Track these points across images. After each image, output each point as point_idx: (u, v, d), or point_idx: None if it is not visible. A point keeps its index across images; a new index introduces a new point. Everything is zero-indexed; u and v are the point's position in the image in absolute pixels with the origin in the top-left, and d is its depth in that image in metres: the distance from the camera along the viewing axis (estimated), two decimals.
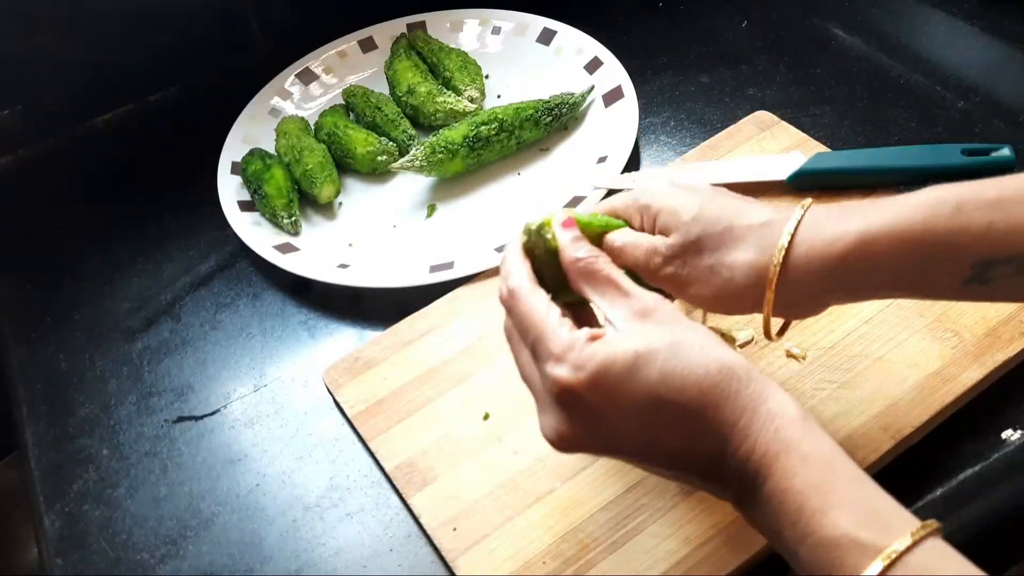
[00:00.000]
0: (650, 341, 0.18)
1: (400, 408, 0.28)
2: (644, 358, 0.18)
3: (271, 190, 0.35)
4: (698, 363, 0.18)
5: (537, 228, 0.21)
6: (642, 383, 0.18)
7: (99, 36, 0.40)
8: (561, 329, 0.19)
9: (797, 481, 0.17)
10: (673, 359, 0.18)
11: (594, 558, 0.24)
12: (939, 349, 0.27)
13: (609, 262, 0.20)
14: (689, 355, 0.18)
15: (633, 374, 0.18)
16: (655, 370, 0.18)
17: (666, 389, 0.18)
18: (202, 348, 0.32)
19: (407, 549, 0.25)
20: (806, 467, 0.17)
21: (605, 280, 0.20)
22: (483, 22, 0.42)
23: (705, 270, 0.21)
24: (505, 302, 0.20)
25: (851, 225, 0.20)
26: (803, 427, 0.18)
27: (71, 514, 0.28)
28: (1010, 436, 0.25)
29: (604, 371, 0.18)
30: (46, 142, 0.41)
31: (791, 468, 0.17)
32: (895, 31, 0.40)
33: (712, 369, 0.18)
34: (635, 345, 0.18)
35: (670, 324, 0.19)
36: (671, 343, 0.18)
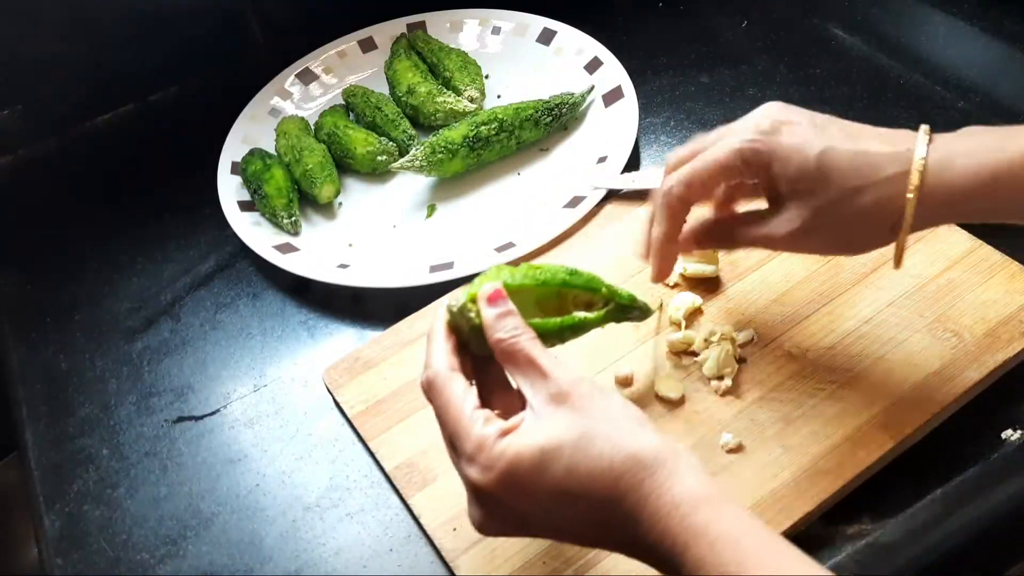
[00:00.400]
0: (558, 434, 0.19)
1: (400, 408, 0.28)
2: (550, 454, 0.19)
3: (271, 190, 0.35)
4: (602, 456, 0.18)
5: (459, 309, 0.21)
6: (549, 479, 0.19)
7: (99, 36, 0.40)
8: (473, 427, 0.19)
9: (707, 569, 0.17)
10: (578, 453, 0.19)
11: (594, 558, 0.24)
12: (939, 349, 0.27)
13: (531, 339, 0.20)
14: (594, 448, 0.19)
15: (540, 470, 0.19)
16: (561, 466, 0.19)
17: (572, 483, 0.19)
18: (202, 348, 0.32)
19: (407, 549, 0.25)
20: (714, 553, 0.17)
21: (525, 360, 0.20)
22: (483, 22, 0.42)
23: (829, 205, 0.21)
24: (425, 391, 0.21)
25: (979, 159, 0.20)
26: (709, 509, 0.18)
27: (71, 514, 0.28)
28: (1010, 436, 0.25)
29: (512, 470, 0.19)
30: (46, 142, 0.41)
31: (701, 557, 0.17)
32: (895, 31, 0.40)
33: (616, 461, 0.18)
34: (542, 440, 0.19)
35: (583, 411, 0.19)
36: (579, 435, 0.19)
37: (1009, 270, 0.29)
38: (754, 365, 0.27)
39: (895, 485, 0.25)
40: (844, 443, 0.25)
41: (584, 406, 0.19)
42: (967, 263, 0.29)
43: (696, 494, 0.18)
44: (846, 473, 0.24)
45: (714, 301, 0.29)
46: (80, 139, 0.42)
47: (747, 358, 0.28)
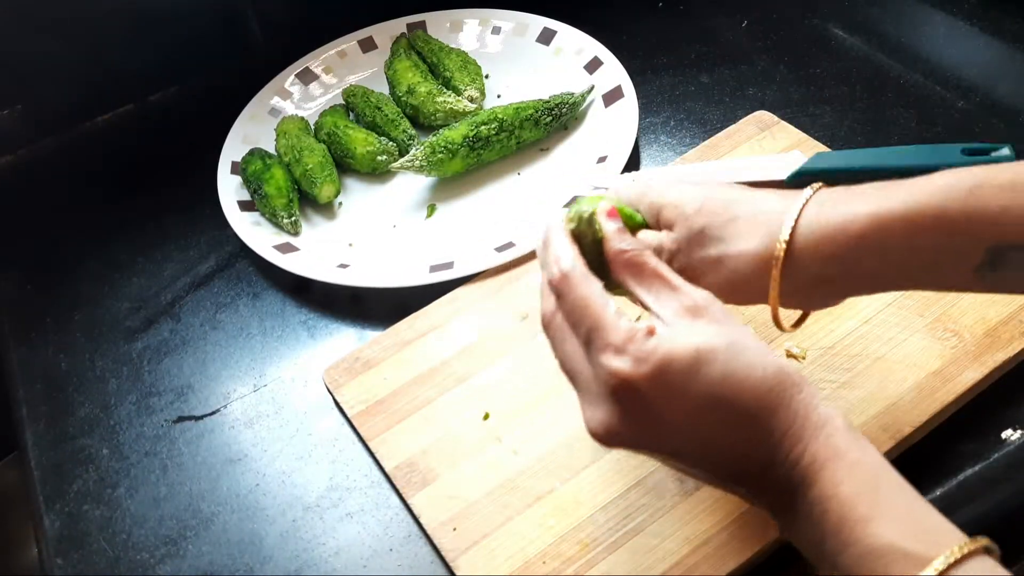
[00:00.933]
0: (709, 339, 0.18)
1: (400, 408, 0.28)
2: (705, 356, 0.18)
3: (271, 190, 0.35)
4: (756, 365, 0.18)
5: (589, 217, 0.20)
6: (703, 381, 0.18)
7: (99, 36, 0.40)
8: (620, 320, 0.18)
9: (843, 488, 0.17)
10: (733, 360, 0.18)
11: (594, 558, 0.24)
12: (939, 349, 0.27)
13: (653, 255, 0.20)
14: (747, 357, 0.18)
15: (694, 372, 0.18)
16: (716, 369, 0.18)
17: (726, 389, 0.18)
18: (202, 348, 0.32)
19: (407, 549, 0.25)
20: (852, 475, 0.17)
21: (652, 274, 0.19)
22: (483, 22, 0.42)
23: (712, 262, 0.21)
24: (558, 286, 0.19)
25: (862, 208, 0.19)
26: (850, 436, 0.18)
27: (71, 514, 0.28)
28: (1010, 436, 0.25)
29: (666, 366, 0.18)
30: (46, 142, 0.41)
31: (838, 475, 0.17)
32: (895, 31, 0.40)
33: (769, 373, 0.18)
34: (695, 342, 0.18)
35: (724, 323, 0.18)
36: (730, 343, 0.18)
37: None
38: None
39: None
40: None
41: (723, 318, 0.18)
42: None
43: (837, 421, 0.18)
44: None
45: None
46: (80, 139, 0.41)
47: None
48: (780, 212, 0.20)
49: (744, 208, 0.21)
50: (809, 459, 0.17)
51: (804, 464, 0.17)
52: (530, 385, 0.28)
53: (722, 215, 0.21)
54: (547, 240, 0.21)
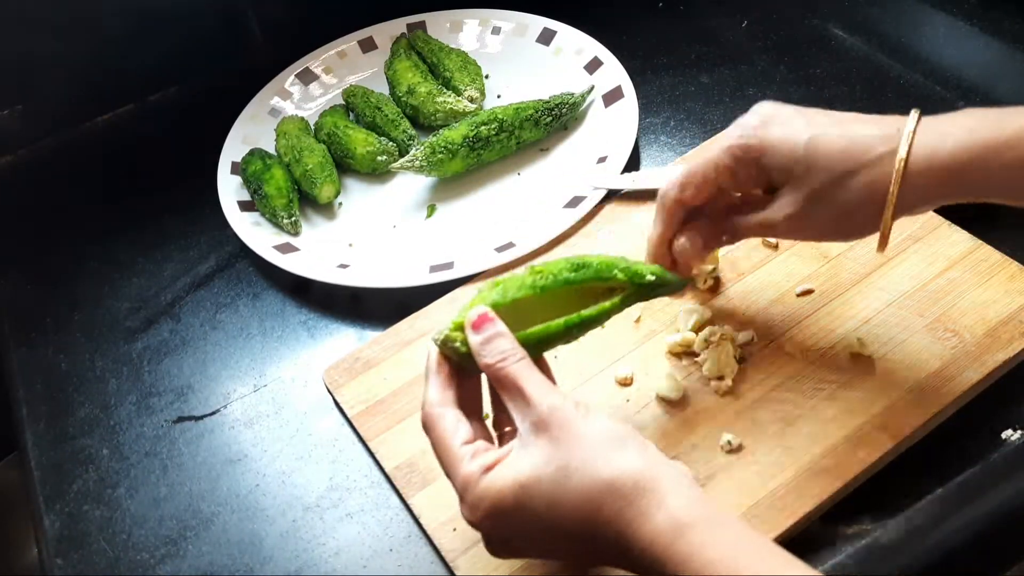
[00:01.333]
0: (536, 467, 0.19)
1: (400, 408, 0.28)
2: (529, 489, 0.19)
3: (271, 190, 0.35)
4: (580, 489, 0.19)
5: (443, 341, 0.21)
6: (530, 513, 0.19)
7: (99, 36, 0.40)
8: (460, 465, 0.20)
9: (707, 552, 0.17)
10: (556, 487, 0.19)
11: None
12: (939, 349, 0.27)
13: (519, 361, 0.21)
14: (572, 481, 0.19)
15: (521, 505, 0.19)
16: (541, 501, 0.19)
17: (553, 516, 0.19)
18: (202, 348, 0.32)
19: (407, 549, 0.25)
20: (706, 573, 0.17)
21: (512, 386, 0.20)
22: (483, 22, 0.42)
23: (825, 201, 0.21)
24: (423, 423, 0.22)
25: (973, 136, 0.20)
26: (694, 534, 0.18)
27: (71, 514, 0.28)
28: (1010, 436, 0.25)
29: (495, 508, 0.19)
30: (46, 142, 0.41)
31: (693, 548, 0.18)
32: (895, 31, 0.40)
33: (594, 493, 0.19)
34: (521, 475, 0.19)
35: (560, 442, 0.19)
36: (556, 468, 0.19)
37: (1009, 270, 0.29)
38: (754, 365, 0.27)
39: (895, 485, 0.25)
40: (844, 443, 0.25)
41: (562, 436, 0.19)
42: (967, 263, 0.29)
43: (679, 520, 0.18)
44: (846, 473, 0.24)
45: (714, 301, 0.29)
46: (80, 139, 0.41)
47: (747, 358, 0.27)
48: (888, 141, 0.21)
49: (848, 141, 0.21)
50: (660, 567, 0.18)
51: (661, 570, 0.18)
52: None
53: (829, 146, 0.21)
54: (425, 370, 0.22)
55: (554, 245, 0.33)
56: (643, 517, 0.18)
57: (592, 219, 0.33)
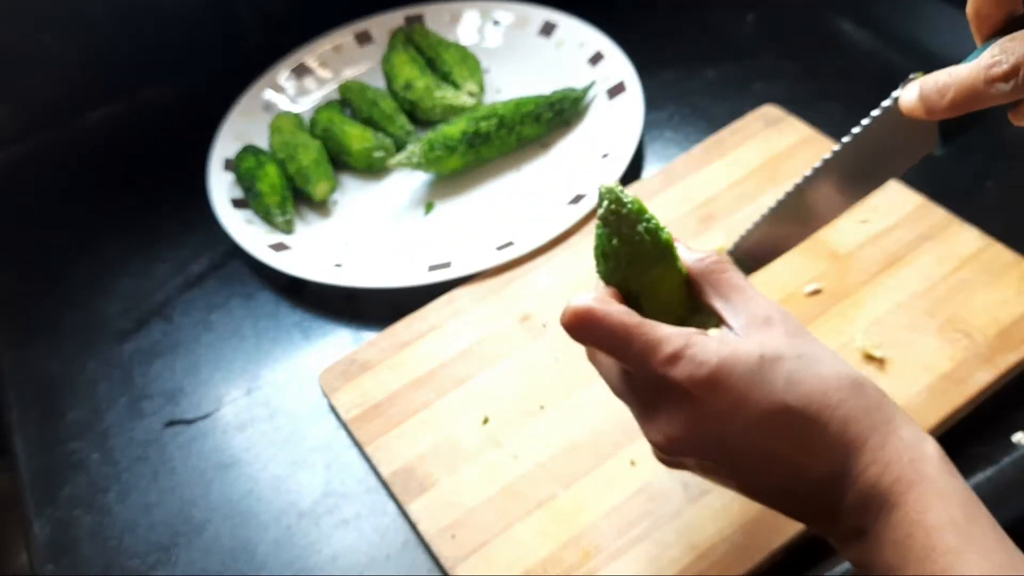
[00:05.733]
0: (777, 346, 0.17)
1: (397, 412, 0.28)
2: (770, 362, 0.17)
3: (264, 187, 0.34)
4: (827, 375, 0.17)
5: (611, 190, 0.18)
6: (767, 388, 0.17)
7: (90, 31, 0.39)
8: (669, 329, 0.17)
9: (931, 516, 0.16)
10: (802, 368, 0.17)
11: (597, 566, 0.23)
12: (950, 350, 0.26)
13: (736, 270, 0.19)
14: (817, 366, 0.17)
15: (757, 377, 0.17)
16: (781, 376, 0.17)
17: (792, 397, 0.17)
18: (194, 350, 0.31)
19: (404, 556, 0.25)
20: (943, 504, 0.16)
21: (729, 282, 0.19)
22: (483, 14, 0.41)
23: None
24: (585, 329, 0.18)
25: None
26: (940, 464, 0.16)
27: (61, 519, 0.27)
28: (1021, 440, 0.25)
29: (726, 370, 0.17)
30: (36, 139, 0.40)
31: (925, 502, 0.16)
32: (904, 25, 0.39)
33: (844, 383, 0.17)
34: (760, 348, 0.17)
35: (797, 335, 0.18)
36: (799, 353, 0.17)
37: (1021, 269, 0.28)
38: None
39: None
40: None
41: (797, 331, 0.17)
42: (978, 262, 0.28)
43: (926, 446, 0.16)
44: None
45: None
46: (70, 136, 0.41)
47: None
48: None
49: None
50: (891, 480, 0.16)
51: (885, 484, 0.16)
52: (531, 388, 0.27)
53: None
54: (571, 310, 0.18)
55: (556, 243, 0.32)
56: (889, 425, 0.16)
57: (594, 217, 0.33)
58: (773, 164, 0.33)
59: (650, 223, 0.19)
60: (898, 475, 0.16)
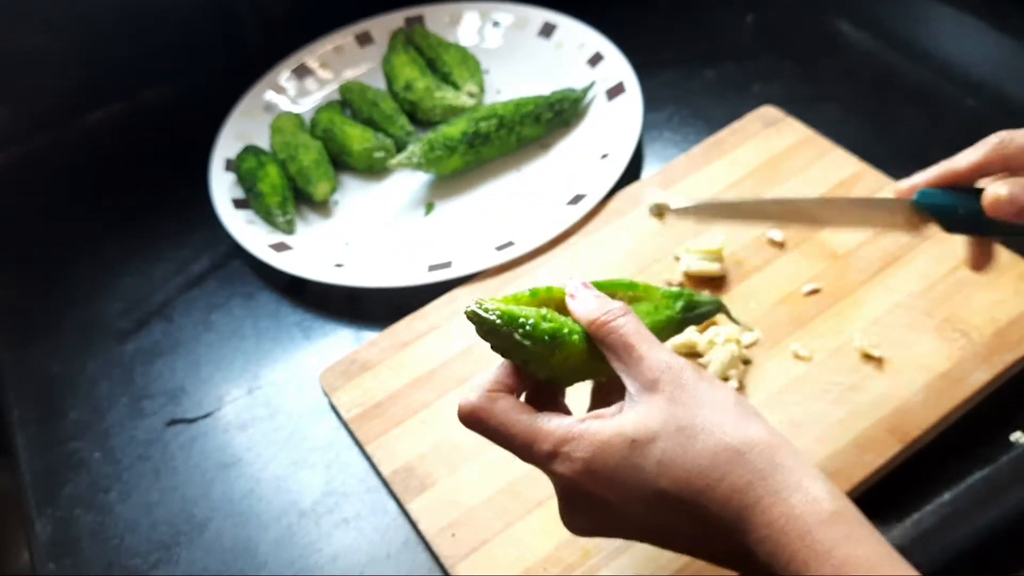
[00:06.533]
0: (650, 425, 0.17)
1: (398, 411, 0.28)
2: (641, 445, 0.17)
3: (265, 188, 0.35)
4: (703, 451, 0.16)
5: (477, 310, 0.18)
6: (641, 475, 0.17)
7: (90, 32, 0.39)
8: (550, 423, 0.18)
9: None
10: (674, 447, 0.17)
11: (596, 564, 0.23)
12: (947, 350, 0.26)
13: (627, 316, 0.18)
14: (694, 442, 0.16)
15: (631, 463, 0.17)
16: (652, 460, 0.17)
17: (666, 481, 0.16)
18: (195, 350, 0.31)
19: (404, 555, 0.25)
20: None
21: (620, 344, 0.18)
22: (483, 15, 0.41)
23: None
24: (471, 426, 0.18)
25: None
26: (837, 529, 0.15)
27: (63, 519, 0.27)
28: (1019, 439, 0.25)
29: (600, 461, 0.17)
30: (36, 140, 0.41)
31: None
32: (903, 27, 0.39)
33: (724, 456, 0.16)
34: (635, 430, 0.17)
35: (683, 401, 0.17)
36: (676, 429, 0.17)
37: (1018, 269, 0.28)
38: (760, 366, 0.27)
39: (903, 489, 0.24)
40: (851, 446, 0.25)
41: (683, 396, 0.17)
42: None
43: (820, 507, 0.15)
44: (853, 476, 0.24)
45: None
46: (71, 136, 0.41)
47: (753, 359, 0.27)
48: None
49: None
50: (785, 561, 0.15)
51: (782, 565, 0.15)
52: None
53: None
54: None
55: (555, 244, 0.32)
56: (775, 496, 0.15)
57: (594, 217, 0.33)
58: (772, 164, 0.33)
59: (525, 329, 0.18)
60: (790, 555, 0.15)
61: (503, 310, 0.18)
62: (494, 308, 0.18)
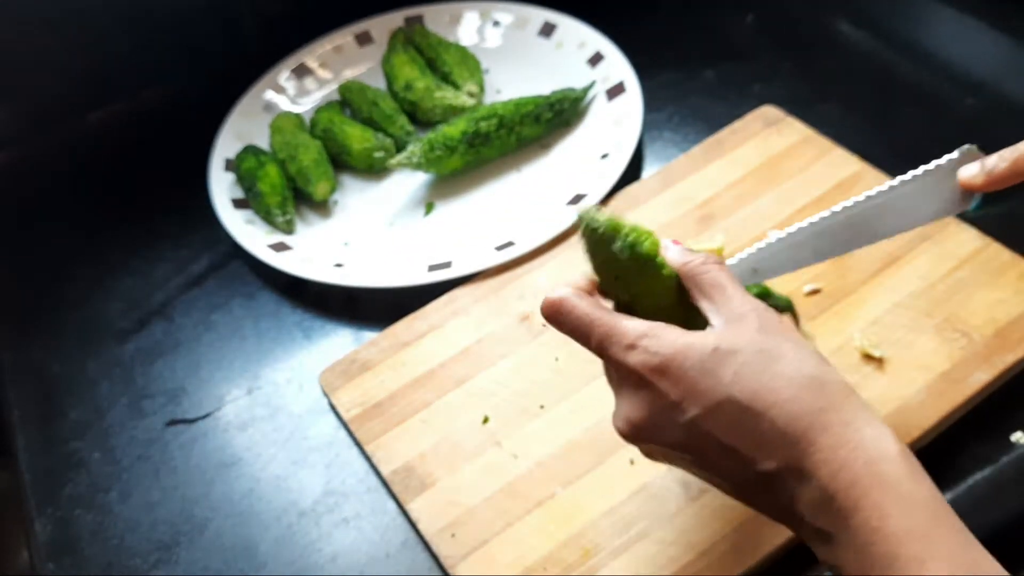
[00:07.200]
0: (734, 341, 0.17)
1: (397, 411, 0.28)
2: (723, 355, 0.17)
3: (265, 188, 0.35)
4: (781, 372, 0.17)
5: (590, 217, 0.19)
6: (715, 379, 0.17)
7: (90, 32, 0.39)
8: (632, 321, 0.18)
9: (892, 523, 0.15)
10: (754, 362, 0.17)
11: (596, 564, 0.23)
12: (948, 350, 0.26)
13: (720, 265, 0.19)
14: (774, 363, 0.17)
15: (708, 367, 0.17)
16: (731, 369, 0.17)
17: (738, 389, 0.17)
18: (195, 350, 0.32)
19: (404, 555, 0.25)
20: (903, 509, 0.15)
21: (713, 284, 0.19)
22: (483, 15, 0.41)
23: None
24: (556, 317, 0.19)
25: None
26: (903, 466, 0.16)
27: (63, 519, 0.27)
28: (1019, 439, 0.25)
29: (678, 360, 0.17)
30: (37, 140, 0.41)
31: (886, 507, 0.15)
32: (903, 27, 0.39)
33: (799, 380, 0.17)
34: (718, 341, 0.17)
35: (766, 332, 0.18)
36: (759, 348, 0.17)
37: (1019, 269, 0.28)
38: None
39: None
40: None
41: (769, 328, 0.18)
42: (976, 262, 0.28)
43: (887, 446, 0.16)
44: None
45: None
46: (71, 136, 0.41)
47: None
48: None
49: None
50: (847, 483, 0.16)
51: (840, 487, 0.16)
52: (530, 388, 0.27)
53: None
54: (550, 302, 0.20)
55: (556, 243, 0.32)
56: (846, 426, 0.16)
57: None
58: (772, 164, 0.33)
59: (626, 240, 0.19)
60: (853, 478, 0.16)
61: (612, 219, 0.19)
62: (605, 217, 0.19)
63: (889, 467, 0.16)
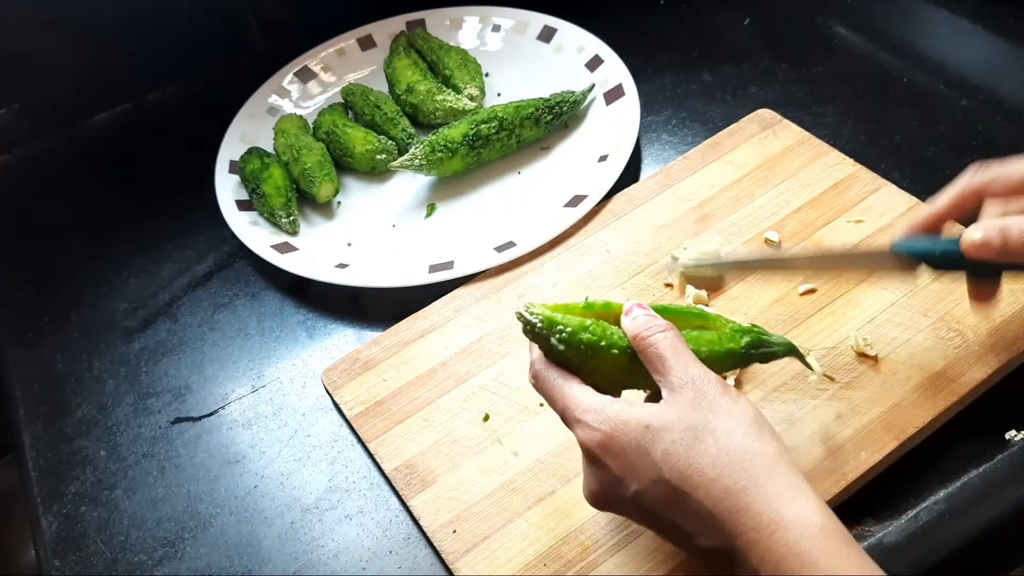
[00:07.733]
0: (666, 418, 0.19)
1: (399, 409, 0.28)
2: (654, 433, 0.18)
3: (269, 189, 0.35)
4: (706, 452, 0.18)
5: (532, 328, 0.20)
6: (648, 458, 0.18)
7: (97, 34, 0.40)
8: (586, 394, 0.20)
9: None
10: (680, 442, 0.18)
11: (595, 560, 0.24)
12: (943, 349, 0.26)
13: (665, 331, 0.20)
14: (700, 443, 0.18)
15: (642, 446, 0.18)
16: (659, 448, 0.18)
17: (667, 469, 0.18)
18: (200, 349, 0.32)
19: (406, 551, 0.25)
20: None
21: (655, 355, 0.20)
22: (483, 20, 0.42)
23: None
24: (534, 385, 0.21)
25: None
26: (825, 544, 0.16)
27: (68, 515, 0.27)
28: (1014, 436, 0.25)
29: (616, 435, 0.19)
30: (43, 141, 0.41)
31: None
32: (898, 29, 0.39)
33: (721, 460, 0.18)
34: (650, 419, 0.19)
35: (698, 408, 0.18)
36: (687, 427, 0.18)
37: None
38: (757, 365, 0.27)
39: (898, 486, 0.24)
40: (847, 444, 0.25)
41: (702, 403, 0.18)
42: None
43: (808, 520, 0.17)
44: (849, 474, 0.24)
45: (716, 300, 0.29)
46: (77, 138, 0.41)
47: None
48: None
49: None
50: (773, 565, 0.16)
51: (770, 571, 0.17)
52: (530, 387, 0.28)
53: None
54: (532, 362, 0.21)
55: (555, 245, 0.32)
56: (766, 504, 0.17)
57: (593, 218, 0.33)
58: (768, 166, 0.34)
59: (562, 334, 0.20)
60: (778, 561, 0.16)
61: (545, 315, 0.20)
62: (538, 312, 0.20)
63: (810, 546, 0.16)
